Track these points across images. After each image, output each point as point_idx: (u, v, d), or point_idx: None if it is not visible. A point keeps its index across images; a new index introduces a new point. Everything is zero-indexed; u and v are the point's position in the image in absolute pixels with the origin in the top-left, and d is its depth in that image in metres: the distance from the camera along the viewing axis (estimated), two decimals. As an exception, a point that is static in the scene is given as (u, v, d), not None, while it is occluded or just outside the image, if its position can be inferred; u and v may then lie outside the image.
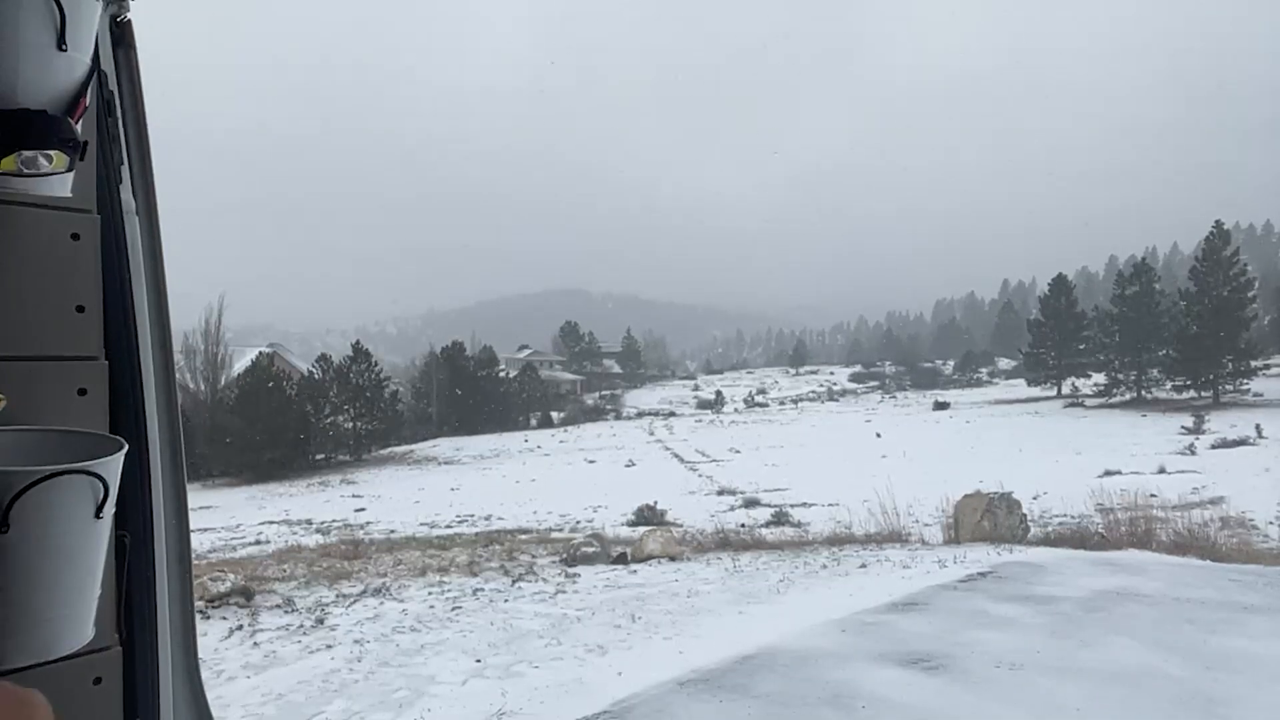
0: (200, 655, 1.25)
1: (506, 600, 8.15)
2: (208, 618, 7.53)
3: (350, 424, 42.83)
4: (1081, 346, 56.21)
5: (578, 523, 17.26)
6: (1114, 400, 49.34)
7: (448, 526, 17.68)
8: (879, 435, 37.18)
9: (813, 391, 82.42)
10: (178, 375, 1.26)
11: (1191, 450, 25.00)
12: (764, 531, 14.42)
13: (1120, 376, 51.11)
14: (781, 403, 72.97)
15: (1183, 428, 30.77)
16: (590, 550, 10.86)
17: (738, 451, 34.10)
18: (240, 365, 44.87)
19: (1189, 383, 45.82)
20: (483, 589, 8.78)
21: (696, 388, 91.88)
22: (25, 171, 0.88)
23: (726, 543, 12.20)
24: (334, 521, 19.97)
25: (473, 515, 19.54)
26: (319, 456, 40.34)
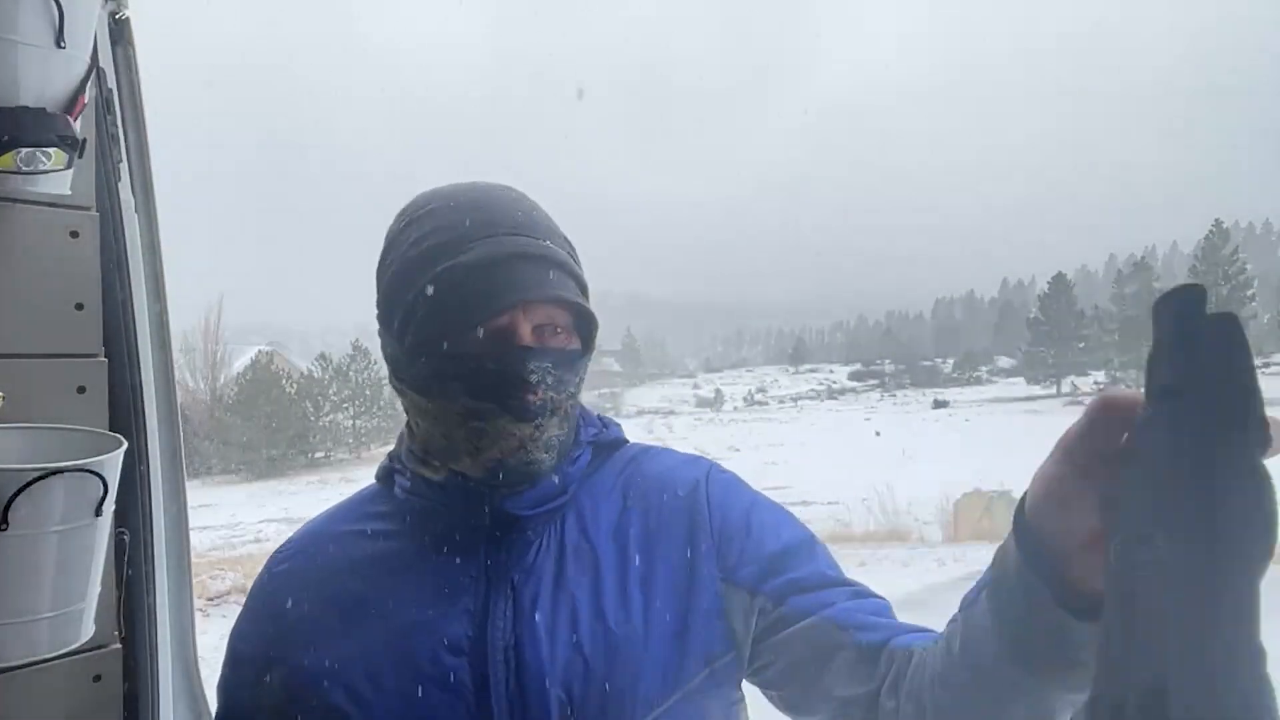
0: (199, 653, 1.25)
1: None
2: (207, 616, 7.54)
3: (350, 422, 42.82)
4: (1081, 345, 56.26)
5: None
6: (1113, 399, 49.36)
7: (447, 525, 17.67)
8: (878, 434, 37.19)
9: (812, 390, 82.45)
10: (177, 373, 1.26)
11: (1191, 449, 25.03)
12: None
13: (1120, 375, 51.14)
14: (781, 401, 73.01)
15: (1182, 426, 30.75)
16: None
17: (737, 450, 34.10)
18: (240, 363, 44.83)
19: (1188, 381, 45.83)
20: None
21: (696, 386, 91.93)
22: (24, 169, 0.88)
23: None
24: (333, 519, 19.94)
25: (472, 513, 19.54)
26: (318, 454, 40.31)
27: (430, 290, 0.73)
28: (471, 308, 0.73)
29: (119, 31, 1.14)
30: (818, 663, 0.75)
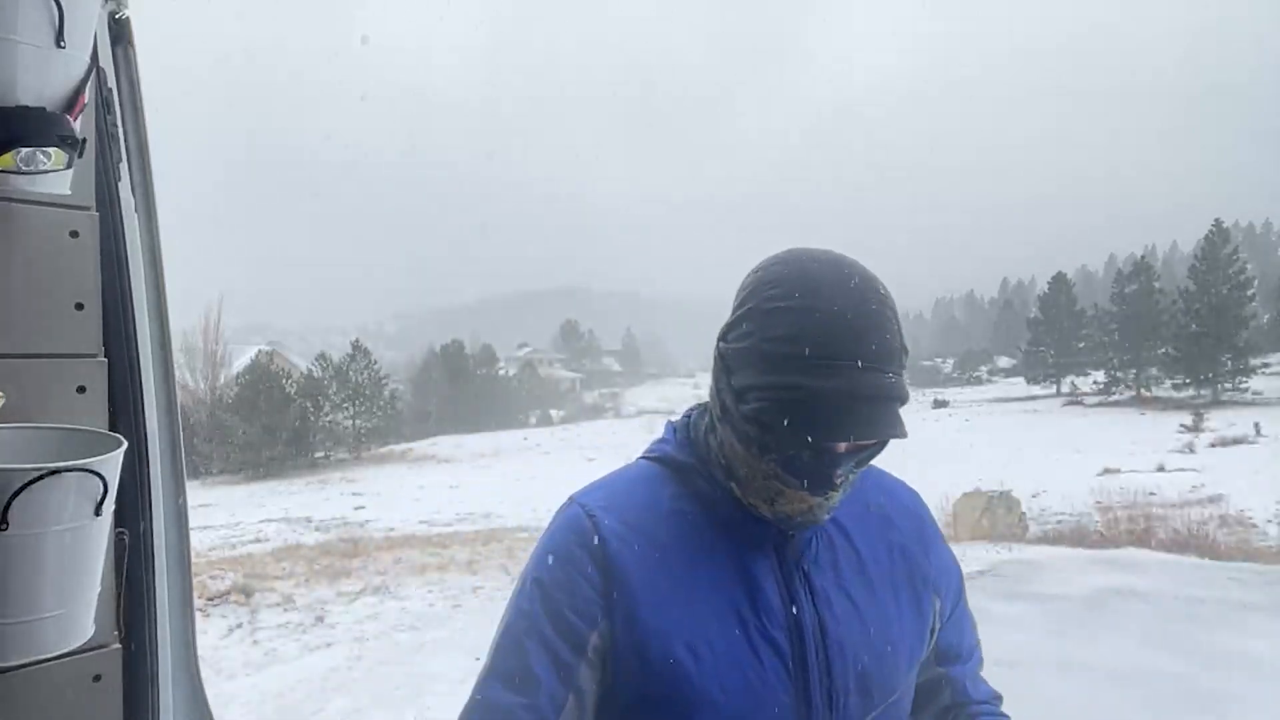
0: (200, 653, 1.25)
1: (506, 598, 8.15)
2: (207, 615, 7.54)
3: (349, 422, 42.80)
4: (1081, 345, 56.21)
5: (577, 521, 17.19)
6: (1113, 398, 49.35)
7: (447, 524, 17.67)
8: (878, 433, 37.12)
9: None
10: (177, 373, 1.26)
11: (1190, 448, 25.01)
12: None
13: (1119, 375, 51.10)
14: (781, 401, 72.95)
15: (1181, 426, 30.74)
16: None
17: (737, 450, 34.02)
18: (240, 363, 44.82)
19: (1188, 381, 45.79)
20: (482, 587, 8.79)
21: (696, 386, 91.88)
22: (24, 169, 0.88)
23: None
24: (333, 519, 19.95)
25: (472, 513, 19.53)
26: (318, 454, 40.25)
27: (801, 395, 0.82)
28: (830, 430, 0.82)
29: (119, 31, 1.14)
30: (926, 697, 1.06)
